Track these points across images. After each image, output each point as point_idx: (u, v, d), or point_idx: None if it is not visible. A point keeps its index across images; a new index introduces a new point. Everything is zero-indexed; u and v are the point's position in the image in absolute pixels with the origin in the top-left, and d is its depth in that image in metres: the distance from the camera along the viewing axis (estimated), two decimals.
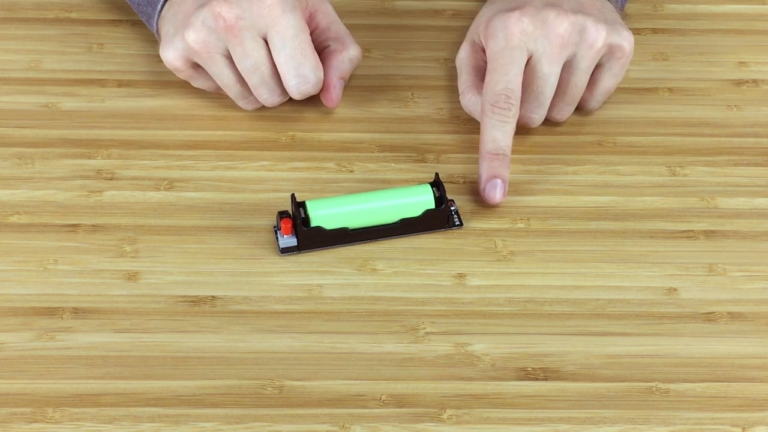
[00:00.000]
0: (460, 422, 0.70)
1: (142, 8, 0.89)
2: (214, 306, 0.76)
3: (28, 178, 0.83)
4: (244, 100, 0.86)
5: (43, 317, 0.74)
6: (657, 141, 0.87)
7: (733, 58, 0.94)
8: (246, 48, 0.82)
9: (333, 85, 0.86)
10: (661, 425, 0.70)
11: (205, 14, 0.82)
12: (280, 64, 0.83)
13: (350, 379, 0.72)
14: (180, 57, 0.84)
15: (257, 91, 0.85)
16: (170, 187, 0.83)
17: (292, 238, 0.78)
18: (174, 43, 0.84)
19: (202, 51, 0.83)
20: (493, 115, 0.81)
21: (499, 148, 0.81)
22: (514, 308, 0.76)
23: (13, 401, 0.70)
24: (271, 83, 0.84)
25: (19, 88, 0.89)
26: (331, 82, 0.86)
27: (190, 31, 0.82)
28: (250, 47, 0.82)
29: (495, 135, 0.81)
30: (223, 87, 0.86)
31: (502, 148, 0.81)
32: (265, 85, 0.84)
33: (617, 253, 0.79)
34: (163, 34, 0.85)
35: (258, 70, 0.83)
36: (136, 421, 0.70)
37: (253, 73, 0.83)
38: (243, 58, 0.83)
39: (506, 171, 0.81)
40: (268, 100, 0.85)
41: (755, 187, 0.84)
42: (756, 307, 0.76)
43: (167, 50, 0.84)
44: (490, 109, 0.81)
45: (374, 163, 0.85)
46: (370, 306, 0.76)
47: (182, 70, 0.85)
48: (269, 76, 0.84)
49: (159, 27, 0.87)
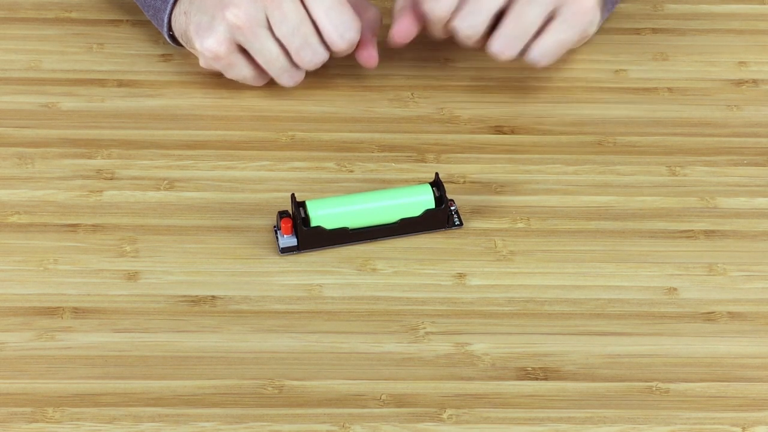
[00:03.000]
0: (460, 422, 0.70)
1: (150, 1, 0.89)
2: (214, 306, 0.76)
3: (28, 178, 0.83)
4: (286, 74, 0.86)
5: (43, 317, 0.74)
6: (657, 141, 0.87)
7: (733, 58, 0.94)
8: (285, 10, 0.83)
9: (370, 41, 0.87)
10: (661, 425, 0.70)
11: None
12: (320, 18, 0.83)
13: (350, 379, 0.72)
14: (223, 40, 0.84)
15: (299, 54, 0.85)
16: (170, 187, 0.83)
17: (292, 238, 0.78)
18: (214, 28, 0.84)
19: (244, 26, 0.83)
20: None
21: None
22: (514, 308, 0.76)
23: (13, 401, 0.70)
24: (314, 42, 0.84)
25: (19, 88, 0.89)
26: (366, 38, 0.87)
27: (231, 8, 0.83)
28: (289, 8, 0.83)
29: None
30: (266, 63, 0.85)
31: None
32: (308, 46, 0.84)
33: (617, 253, 0.79)
34: (194, 26, 0.85)
35: (299, 31, 0.83)
36: (136, 421, 0.70)
37: (294, 36, 0.83)
38: (283, 21, 0.83)
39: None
40: (311, 61, 0.85)
41: (755, 187, 0.84)
42: (756, 307, 0.76)
43: (207, 38, 0.84)
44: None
45: (374, 163, 0.85)
46: (370, 306, 0.76)
47: (224, 56, 0.85)
48: (311, 34, 0.84)
49: (181, 22, 0.86)
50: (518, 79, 0.91)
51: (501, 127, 0.88)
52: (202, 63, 0.86)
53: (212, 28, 0.84)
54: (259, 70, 0.87)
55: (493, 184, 0.84)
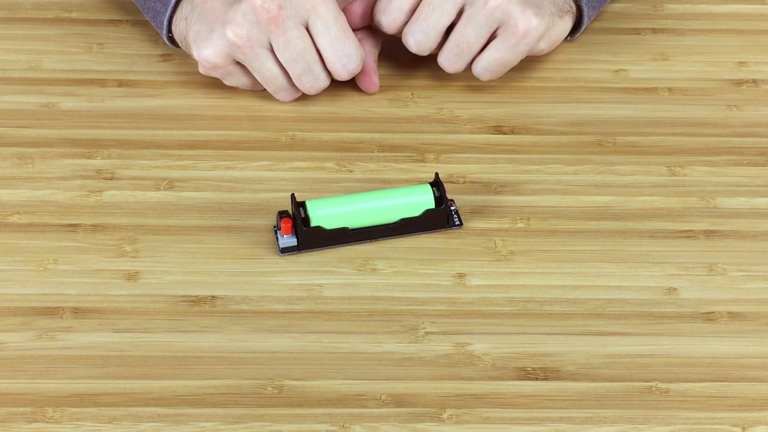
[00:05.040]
0: (460, 422, 0.70)
1: (150, 3, 0.89)
2: (214, 306, 0.76)
3: (28, 178, 0.83)
4: (283, 92, 0.87)
5: (43, 317, 0.74)
6: (657, 141, 0.87)
7: (733, 58, 0.94)
8: (289, 37, 0.83)
9: (371, 68, 0.88)
10: (661, 425, 0.70)
11: (245, 8, 0.82)
12: (324, 47, 0.84)
13: (350, 379, 0.72)
14: (221, 54, 0.84)
15: (300, 79, 0.85)
16: (170, 187, 0.83)
17: (292, 238, 0.78)
18: (213, 41, 0.83)
19: (245, 46, 0.83)
20: None
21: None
22: (514, 308, 0.76)
23: (13, 401, 0.70)
24: (316, 69, 0.85)
25: (19, 88, 0.90)
26: (369, 65, 0.88)
27: (232, 26, 0.82)
28: (294, 35, 0.83)
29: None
30: (264, 81, 0.86)
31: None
32: (309, 73, 0.85)
33: (617, 253, 0.79)
34: (193, 34, 0.85)
35: (303, 58, 0.84)
36: (136, 421, 0.70)
37: (298, 62, 0.84)
38: (287, 47, 0.83)
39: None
40: (312, 87, 0.86)
41: (755, 187, 0.84)
42: (756, 307, 0.76)
43: (205, 48, 0.84)
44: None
45: (374, 163, 0.85)
46: (370, 306, 0.76)
47: (221, 67, 0.85)
48: (314, 62, 0.84)
49: (181, 27, 0.86)
50: (518, 79, 0.91)
51: (501, 127, 0.88)
52: (201, 70, 0.86)
53: (210, 39, 0.84)
54: (256, 80, 0.87)
55: (493, 184, 0.84)
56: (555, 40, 0.89)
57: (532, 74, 0.92)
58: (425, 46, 0.86)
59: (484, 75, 0.88)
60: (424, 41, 0.86)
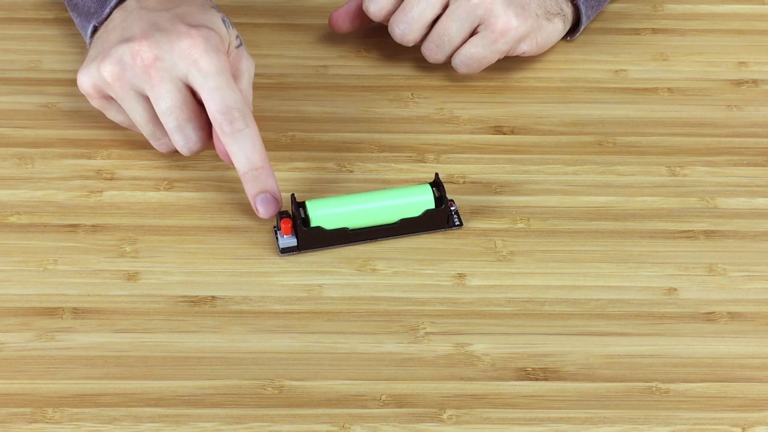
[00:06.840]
0: (460, 422, 0.70)
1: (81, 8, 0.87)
2: (214, 306, 0.76)
3: (28, 178, 0.83)
4: (157, 142, 0.82)
5: (43, 317, 0.74)
6: (657, 141, 0.87)
7: (733, 58, 0.94)
8: (162, 90, 0.78)
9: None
10: (661, 425, 0.70)
11: (124, 50, 0.79)
12: (205, 99, 0.78)
13: (350, 379, 0.72)
14: (92, 85, 0.81)
15: (173, 137, 0.80)
16: (170, 187, 0.83)
17: (292, 238, 0.78)
18: (90, 70, 0.80)
19: (115, 84, 0.79)
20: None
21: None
22: (514, 308, 0.76)
23: (13, 401, 0.70)
24: (187, 129, 0.79)
25: (19, 88, 0.89)
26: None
27: (107, 63, 0.79)
28: (167, 89, 0.78)
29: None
30: (137, 124, 0.82)
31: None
32: (179, 131, 0.79)
33: (617, 253, 0.79)
34: (87, 56, 0.82)
35: (173, 114, 0.79)
36: (136, 421, 0.70)
37: (169, 116, 0.79)
38: (158, 99, 0.79)
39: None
40: (185, 146, 0.80)
41: (755, 187, 0.84)
42: (756, 307, 0.76)
43: (82, 74, 0.81)
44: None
45: (374, 163, 0.85)
46: (370, 306, 0.76)
47: (93, 97, 0.82)
48: (186, 121, 0.79)
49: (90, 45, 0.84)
50: (518, 79, 0.91)
51: (501, 128, 0.88)
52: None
53: (89, 69, 0.81)
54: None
55: (493, 184, 0.84)
56: (543, 43, 0.89)
57: (532, 74, 0.92)
58: (409, 36, 0.88)
59: (461, 68, 0.89)
60: (408, 32, 0.88)
